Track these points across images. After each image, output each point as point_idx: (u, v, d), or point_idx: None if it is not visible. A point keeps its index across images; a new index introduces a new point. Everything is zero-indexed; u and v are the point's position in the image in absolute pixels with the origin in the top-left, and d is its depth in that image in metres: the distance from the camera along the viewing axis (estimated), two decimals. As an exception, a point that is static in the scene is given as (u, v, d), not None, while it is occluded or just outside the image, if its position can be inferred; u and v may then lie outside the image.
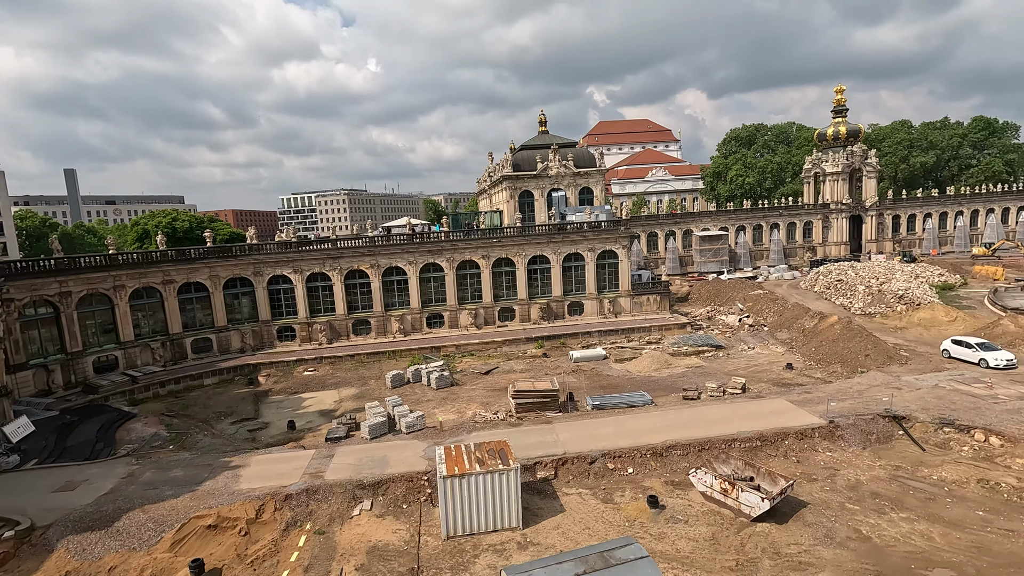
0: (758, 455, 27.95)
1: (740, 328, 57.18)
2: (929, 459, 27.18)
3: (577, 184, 72.26)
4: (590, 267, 61.30)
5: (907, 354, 42.31)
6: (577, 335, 56.04)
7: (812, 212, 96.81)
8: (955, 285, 64.65)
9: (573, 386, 41.08)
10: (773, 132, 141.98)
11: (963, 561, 19.56)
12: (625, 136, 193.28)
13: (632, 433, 30.12)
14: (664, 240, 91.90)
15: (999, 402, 31.50)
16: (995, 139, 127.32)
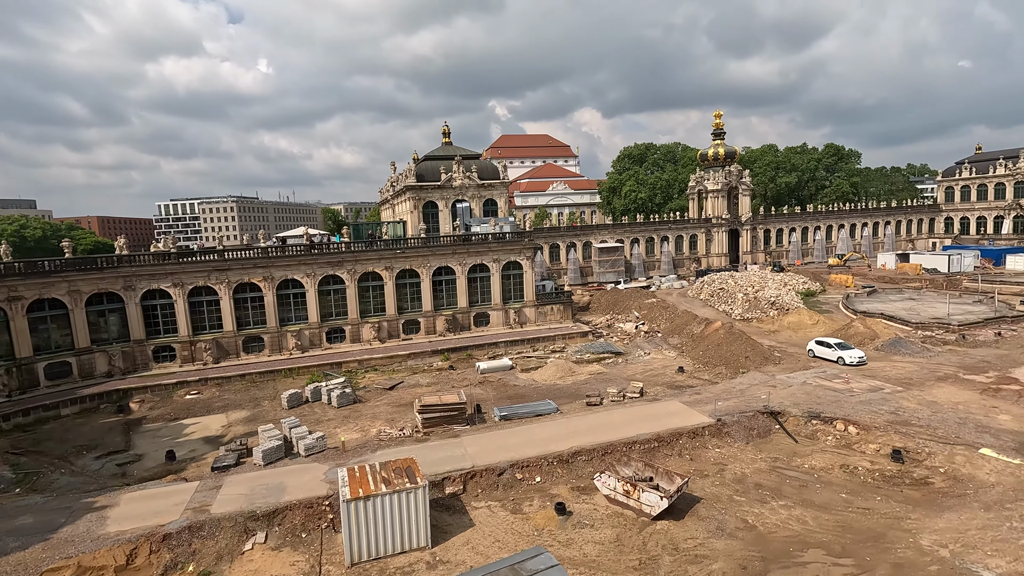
0: (656, 455, 29.47)
1: (637, 335, 60.35)
2: (801, 449, 30.18)
3: (481, 196, 72.83)
4: (495, 278, 61.82)
5: (780, 355, 46.89)
6: (483, 346, 56.14)
7: (697, 226, 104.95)
8: (816, 292, 72.90)
9: (480, 398, 41.00)
10: (662, 151, 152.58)
11: (831, 540, 21.83)
12: (527, 150, 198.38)
13: (539, 442, 30.55)
14: (566, 251, 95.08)
15: (854, 395, 35.79)
16: (843, 164, 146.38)
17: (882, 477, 26.73)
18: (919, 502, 24.21)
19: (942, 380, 37.94)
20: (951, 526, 21.90)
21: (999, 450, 26.80)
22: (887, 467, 27.43)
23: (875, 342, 47.60)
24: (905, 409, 32.80)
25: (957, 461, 26.54)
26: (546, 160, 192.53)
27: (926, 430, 29.73)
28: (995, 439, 28.18)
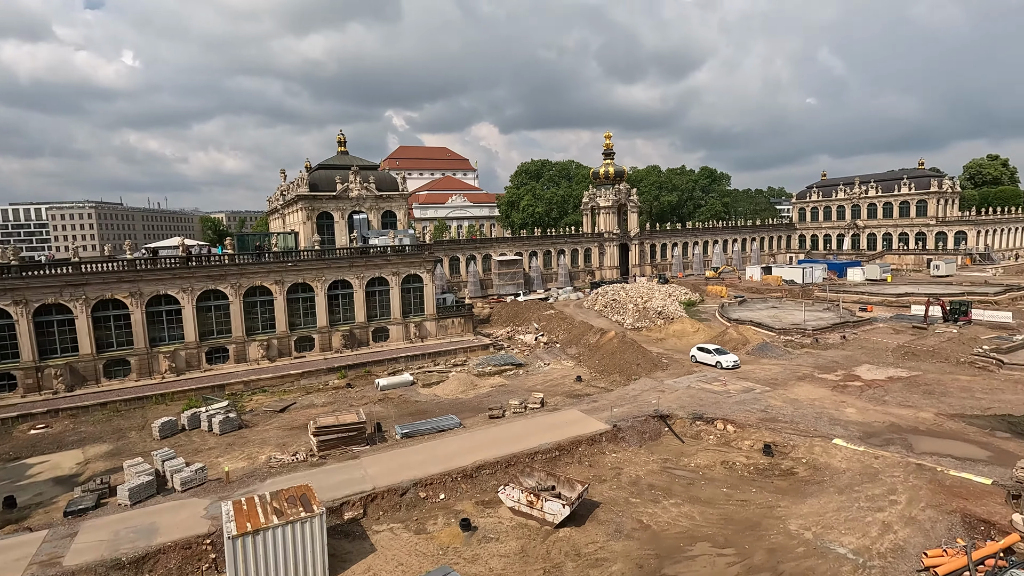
0: (558, 464, 30.21)
1: (537, 346, 61.79)
2: (688, 449, 32.45)
3: (380, 207, 71.07)
4: (395, 291, 60.43)
5: (667, 361, 50.26)
6: (383, 362, 54.48)
7: (591, 240, 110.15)
8: (696, 302, 79.26)
9: (381, 416, 39.65)
10: (557, 168, 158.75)
11: (716, 532, 23.61)
12: (425, 162, 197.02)
13: (443, 458, 30.11)
14: (466, 264, 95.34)
15: (731, 396, 39.23)
16: (716, 185, 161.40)
17: (756, 470, 29.46)
18: (787, 491, 26.95)
19: (801, 379, 42.76)
20: (813, 510, 24.61)
21: (848, 439, 30.64)
22: (760, 461, 30.29)
23: (747, 347, 52.63)
24: (773, 407, 36.51)
25: (816, 451, 29.95)
26: (445, 173, 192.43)
27: (790, 425, 33.28)
28: (844, 430, 32.20)
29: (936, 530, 22.15)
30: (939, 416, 33.74)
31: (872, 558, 20.88)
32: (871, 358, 48.47)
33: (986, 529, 21.76)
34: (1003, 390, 38.56)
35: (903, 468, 26.84)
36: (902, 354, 49.12)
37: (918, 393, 38.49)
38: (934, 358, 47.38)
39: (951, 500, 23.65)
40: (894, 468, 27.01)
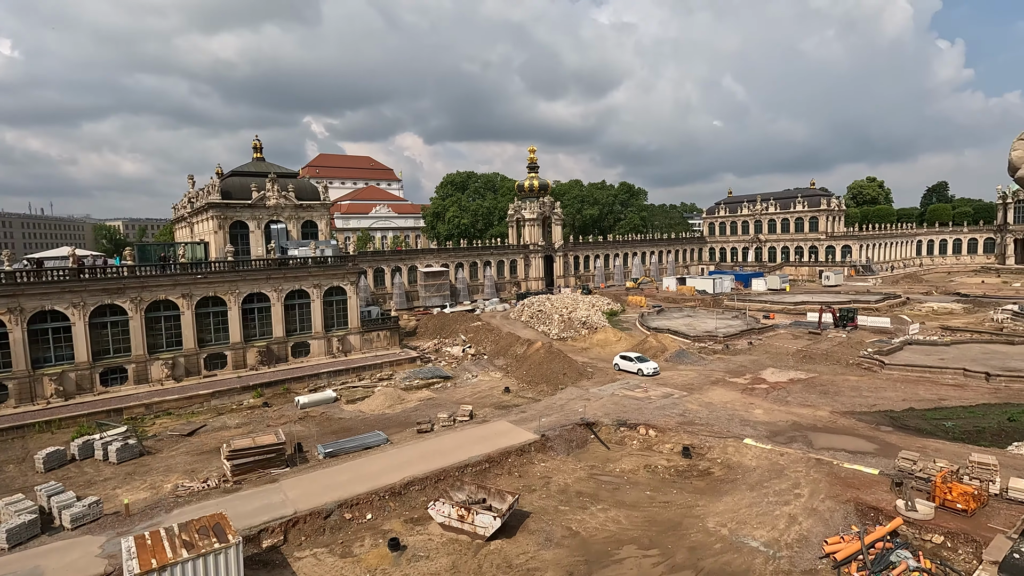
0: (488, 476, 30.15)
1: (464, 358, 61.52)
2: (613, 455, 33.48)
3: (300, 217, 68.21)
4: (316, 304, 58.08)
5: (592, 370, 51.70)
6: (304, 378, 52.06)
7: (516, 252, 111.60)
8: (618, 312, 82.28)
9: (302, 435, 37.81)
10: (482, 180, 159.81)
11: (641, 535, 24.48)
12: (348, 171, 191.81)
13: (369, 476, 29.18)
14: (391, 276, 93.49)
15: (652, 402, 40.97)
16: (634, 200, 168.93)
17: (676, 472, 30.89)
18: (704, 490, 28.46)
19: (715, 384, 45.45)
20: (728, 508, 26.13)
21: (757, 439, 32.88)
22: (680, 463, 31.80)
23: (665, 354, 55.26)
24: (690, 411, 38.51)
25: (729, 451, 31.88)
26: (368, 182, 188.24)
27: (706, 427, 35.23)
28: (753, 430, 34.52)
29: (834, 519, 24.21)
30: (833, 414, 37.01)
31: (781, 549, 22.47)
32: (774, 362, 52.41)
33: (875, 515, 24.05)
34: (885, 388, 42.97)
35: (805, 463, 29.15)
36: (801, 358, 53.51)
37: (815, 393, 42.05)
38: (827, 361, 51.98)
39: (846, 491, 25.96)
40: (797, 464, 29.27)
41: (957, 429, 33.31)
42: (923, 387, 43.01)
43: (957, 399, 39.74)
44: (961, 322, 67.77)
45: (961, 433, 32.69)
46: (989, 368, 44.68)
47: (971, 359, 48.41)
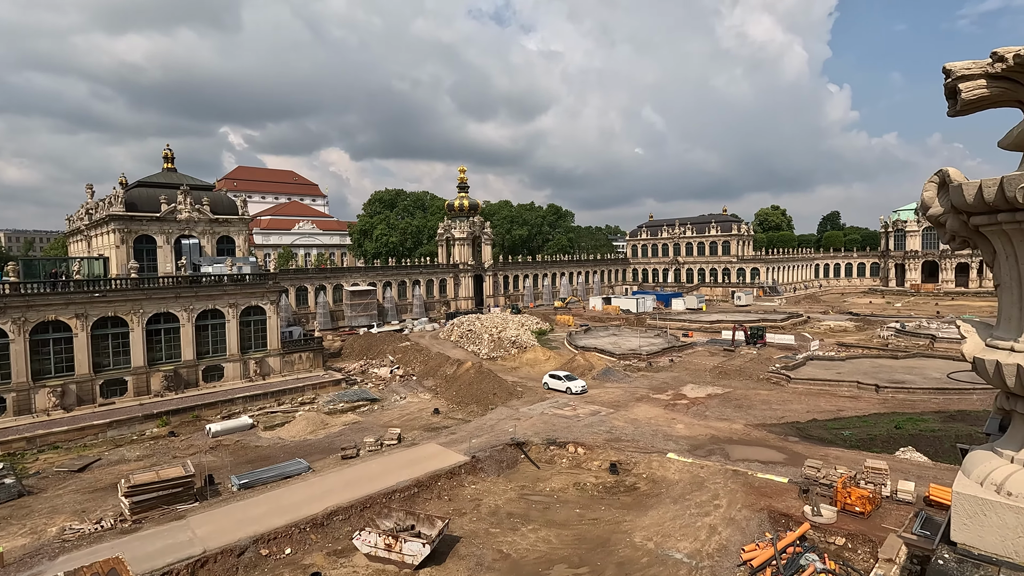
0: (417, 501, 29.33)
1: (392, 379, 59.96)
2: (543, 474, 33.63)
3: (215, 232, 64.34)
4: (232, 325, 54.70)
5: (522, 389, 51.96)
6: (216, 404, 48.60)
7: (446, 271, 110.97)
8: (547, 331, 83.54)
9: (213, 466, 35.13)
10: (412, 198, 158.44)
11: (571, 553, 24.63)
12: (269, 185, 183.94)
13: (288, 508, 27.55)
14: (315, 295, 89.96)
15: (580, 419, 41.69)
16: (562, 221, 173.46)
17: (604, 488, 31.47)
18: (631, 506, 29.16)
19: (640, 400, 47.01)
20: (654, 522, 26.90)
21: (679, 453, 34.23)
22: (607, 479, 32.45)
23: (593, 372, 56.59)
24: (617, 428, 39.53)
25: (654, 466, 32.94)
26: (291, 197, 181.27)
27: (632, 443, 36.26)
28: (676, 444, 35.93)
29: (750, 527, 25.53)
30: (747, 426, 39.28)
31: (703, 559, 23.36)
32: (694, 378, 55.04)
33: (786, 521, 25.61)
34: (791, 401, 46.23)
35: (723, 475, 30.64)
36: (717, 374, 56.55)
37: (731, 407, 44.49)
38: (741, 376, 55.27)
39: (760, 499, 27.50)
40: (716, 476, 30.70)
41: (853, 438, 36.33)
42: (824, 399, 46.65)
43: (853, 410, 43.40)
44: (854, 339, 74.43)
45: (857, 441, 35.68)
46: (878, 380, 49.25)
47: (863, 372, 53.17)
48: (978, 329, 2.64)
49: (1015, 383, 2.30)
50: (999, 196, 2.26)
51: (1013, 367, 2.30)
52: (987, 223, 2.45)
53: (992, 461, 2.55)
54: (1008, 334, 2.51)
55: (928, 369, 53.84)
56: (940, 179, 2.66)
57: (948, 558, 2.34)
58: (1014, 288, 2.50)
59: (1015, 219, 2.32)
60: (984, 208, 2.37)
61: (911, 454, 32.58)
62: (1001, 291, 2.58)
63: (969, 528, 2.37)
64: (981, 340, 2.54)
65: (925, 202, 2.70)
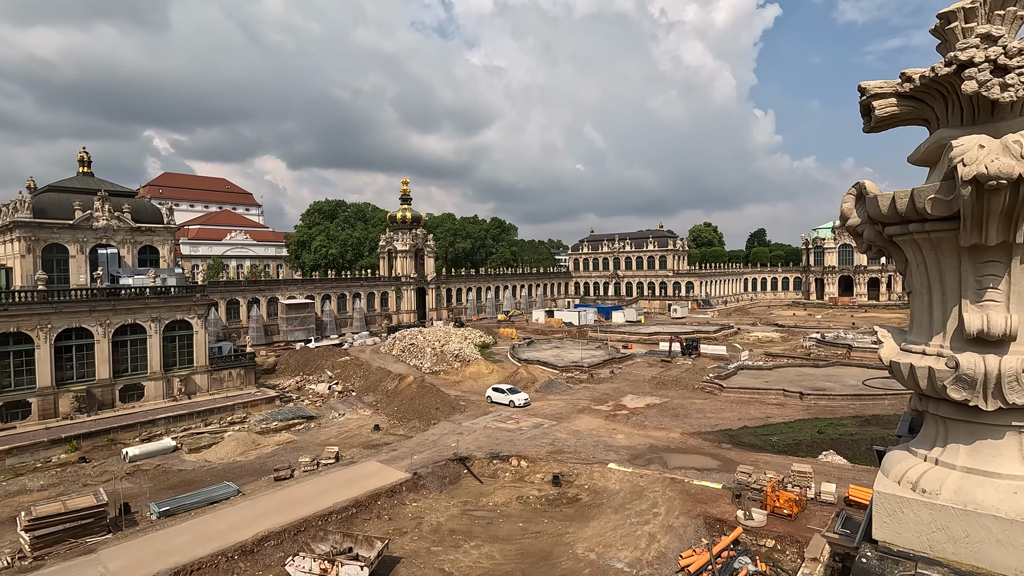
0: (355, 522, 28.27)
1: (331, 396, 57.90)
2: (486, 489, 33.29)
3: (137, 242, 60.31)
4: (155, 341, 51.24)
5: (465, 403, 51.46)
6: (135, 426, 45.23)
7: (388, 284, 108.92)
8: (490, 344, 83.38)
9: (130, 493, 32.51)
10: (352, 209, 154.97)
11: (514, 568, 24.42)
12: (198, 193, 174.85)
13: (215, 535, 25.86)
14: (247, 308, 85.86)
15: (523, 432, 41.69)
16: (505, 235, 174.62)
17: (547, 501, 31.51)
18: (573, 517, 29.32)
19: (581, 412, 47.60)
20: (595, 532, 27.14)
21: (620, 462, 34.82)
22: (550, 492, 32.52)
23: (535, 385, 56.86)
24: (559, 439, 39.80)
25: (595, 477, 33.33)
26: (223, 206, 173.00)
27: (574, 455, 36.58)
28: (616, 454, 36.55)
29: (687, 533, 26.23)
30: (684, 435, 40.55)
31: (643, 567, 23.74)
32: (633, 389, 56.38)
33: (720, 526, 26.50)
34: (724, 409, 48.17)
35: (661, 483, 31.40)
36: (655, 384, 58.21)
37: (668, 416, 45.83)
38: (677, 386, 57.14)
39: (696, 506, 28.35)
40: (655, 484, 31.42)
41: (781, 443, 38.23)
42: (753, 407, 48.92)
43: (780, 416, 45.73)
44: (780, 349, 78.75)
45: (784, 446, 37.56)
46: (802, 388, 52.24)
47: (789, 381, 56.25)
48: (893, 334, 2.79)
49: (927, 384, 2.44)
50: (910, 207, 2.41)
51: (925, 369, 2.44)
52: (900, 233, 2.60)
53: (908, 460, 2.69)
54: (920, 338, 2.67)
55: (846, 377, 57.63)
56: (857, 191, 2.81)
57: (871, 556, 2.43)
58: (924, 295, 2.67)
59: (924, 229, 2.47)
60: (897, 219, 2.52)
61: (832, 457, 34.61)
62: (912, 298, 2.75)
63: (889, 526, 2.48)
64: (896, 344, 2.69)
65: (844, 213, 2.86)
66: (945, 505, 2.34)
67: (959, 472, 2.46)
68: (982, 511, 2.23)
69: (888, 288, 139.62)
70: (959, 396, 2.32)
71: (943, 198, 2.24)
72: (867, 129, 2.81)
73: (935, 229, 2.46)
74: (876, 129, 2.77)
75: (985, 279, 2.32)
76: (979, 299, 2.36)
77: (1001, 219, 2.17)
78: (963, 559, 2.19)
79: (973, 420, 2.43)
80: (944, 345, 2.54)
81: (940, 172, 2.38)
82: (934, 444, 2.66)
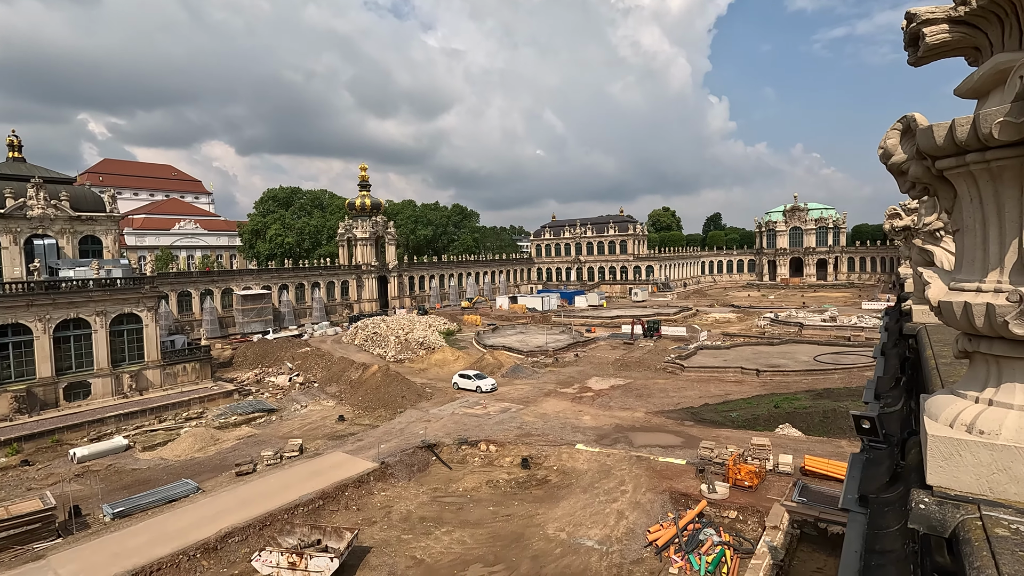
0: (322, 514, 27.74)
1: (292, 388, 56.45)
2: (456, 475, 33.21)
3: (77, 231, 56.75)
4: (100, 335, 48.60)
5: (431, 390, 51.08)
6: (82, 426, 42.95)
7: (348, 272, 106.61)
8: (455, 331, 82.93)
9: (80, 496, 30.92)
10: (309, 196, 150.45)
11: (486, 552, 24.48)
12: (143, 180, 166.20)
13: (175, 534, 24.91)
14: (200, 300, 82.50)
15: (491, 417, 41.73)
16: (467, 221, 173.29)
17: (517, 484, 31.69)
18: (543, 499, 29.60)
19: (548, 395, 47.99)
20: (565, 512, 27.48)
21: (587, 443, 35.31)
22: (519, 475, 32.71)
23: (502, 370, 56.94)
24: (527, 423, 40.03)
25: (563, 458, 33.71)
26: (170, 194, 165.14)
27: (542, 437, 36.87)
28: (583, 435, 37.04)
29: (654, 509, 26.87)
30: (648, 414, 41.45)
31: (613, 544, 24.21)
32: (598, 371, 57.20)
33: (685, 500, 27.26)
34: (686, 388, 49.48)
35: (628, 461, 32.02)
36: (619, 366, 59.22)
37: (632, 397, 46.73)
38: (640, 367, 58.30)
39: (662, 482, 29.05)
40: (622, 462, 32.02)
41: (740, 418, 39.57)
42: (713, 385, 50.43)
43: (738, 393, 47.30)
44: (736, 329, 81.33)
45: (743, 421, 38.90)
46: (759, 365, 54.14)
47: (745, 359, 58.20)
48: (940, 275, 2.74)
49: (983, 322, 2.40)
50: (971, 135, 2.33)
51: (983, 306, 2.39)
52: (954, 166, 2.53)
53: (957, 404, 2.65)
54: (973, 276, 2.62)
55: (799, 353, 60.08)
56: (904, 125, 2.73)
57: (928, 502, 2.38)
58: (978, 231, 2.61)
59: (984, 159, 2.40)
60: (953, 150, 2.44)
61: (788, 430, 36.06)
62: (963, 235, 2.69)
63: (945, 470, 2.44)
64: (944, 285, 2.64)
65: (888, 150, 2.77)
66: (1007, 445, 2.31)
67: (1017, 411, 2.43)
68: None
69: (835, 268, 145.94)
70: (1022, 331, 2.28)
71: (1013, 120, 2.16)
72: (913, 61, 2.73)
73: (997, 157, 2.39)
74: (923, 61, 2.70)
75: (1049, 208, 2.27)
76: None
77: (1075, 138, 2.11)
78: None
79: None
80: (1003, 280, 2.49)
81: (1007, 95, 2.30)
82: (985, 385, 2.64)
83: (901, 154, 2.63)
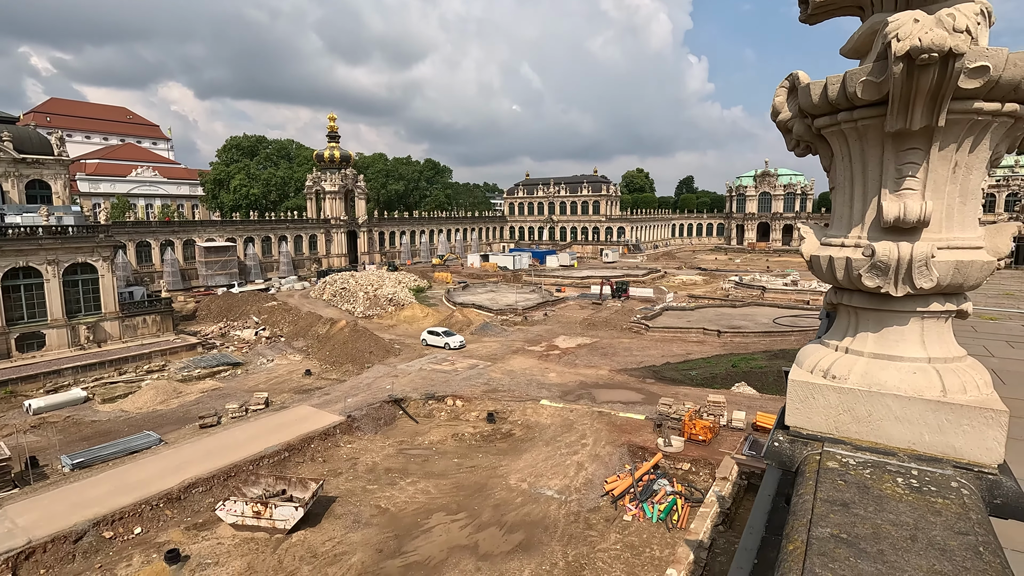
0: (287, 466, 28.06)
1: (258, 342, 55.90)
2: (422, 429, 33.81)
3: (22, 175, 53.78)
4: (53, 285, 46.88)
5: (400, 347, 51.27)
6: (37, 377, 41.91)
7: (316, 226, 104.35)
8: (425, 288, 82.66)
9: (37, 447, 30.51)
10: (275, 146, 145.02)
11: (449, 501, 25.27)
12: (96, 123, 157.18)
13: (136, 485, 24.92)
14: (160, 251, 79.97)
15: (459, 373, 42.28)
16: (439, 177, 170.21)
17: (482, 437, 32.49)
18: (507, 451, 30.48)
19: (515, 353, 48.71)
20: (527, 464, 28.41)
21: (551, 399, 36.24)
22: (485, 428, 33.50)
23: (471, 327, 57.36)
24: (494, 379, 40.72)
25: (528, 413, 34.58)
26: (126, 139, 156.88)
27: (508, 393, 37.65)
28: (548, 391, 37.96)
29: (612, 461, 28.00)
30: (612, 372, 42.58)
31: (571, 493, 25.25)
32: (565, 330, 58.15)
33: (642, 453, 28.44)
34: (649, 348, 50.82)
35: (590, 416, 33.07)
36: (586, 325, 60.27)
37: (598, 355, 47.83)
38: (607, 327, 59.46)
39: (621, 436, 30.17)
40: (584, 417, 33.05)
41: (699, 377, 41.03)
42: (676, 345, 51.91)
43: (699, 353, 48.86)
44: (702, 291, 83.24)
45: (702, 380, 40.36)
46: (720, 327, 55.81)
47: (708, 320, 59.88)
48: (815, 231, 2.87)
49: (843, 275, 2.54)
50: (840, 94, 2.41)
51: (843, 260, 2.53)
52: (829, 124, 2.62)
53: (820, 351, 2.85)
54: (840, 232, 2.76)
55: (759, 316, 62.04)
56: (790, 83, 2.80)
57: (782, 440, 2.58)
58: (847, 188, 2.74)
59: (852, 118, 2.50)
60: (827, 108, 2.52)
61: (744, 388, 37.61)
62: (835, 193, 2.82)
63: (800, 411, 2.63)
64: (817, 240, 2.77)
65: (776, 107, 2.84)
66: (852, 388, 2.50)
67: (866, 358, 2.63)
68: (884, 391, 2.40)
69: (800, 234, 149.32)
70: (872, 284, 2.44)
71: (874, 80, 2.24)
72: (803, 18, 2.77)
73: (863, 116, 2.49)
74: (812, 19, 2.74)
75: (905, 167, 2.39)
76: (898, 188, 2.44)
77: (927, 100, 2.21)
78: (864, 437, 2.37)
79: (882, 308, 2.57)
80: (862, 236, 2.64)
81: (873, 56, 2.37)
82: (845, 335, 2.82)
83: (787, 112, 2.70)
